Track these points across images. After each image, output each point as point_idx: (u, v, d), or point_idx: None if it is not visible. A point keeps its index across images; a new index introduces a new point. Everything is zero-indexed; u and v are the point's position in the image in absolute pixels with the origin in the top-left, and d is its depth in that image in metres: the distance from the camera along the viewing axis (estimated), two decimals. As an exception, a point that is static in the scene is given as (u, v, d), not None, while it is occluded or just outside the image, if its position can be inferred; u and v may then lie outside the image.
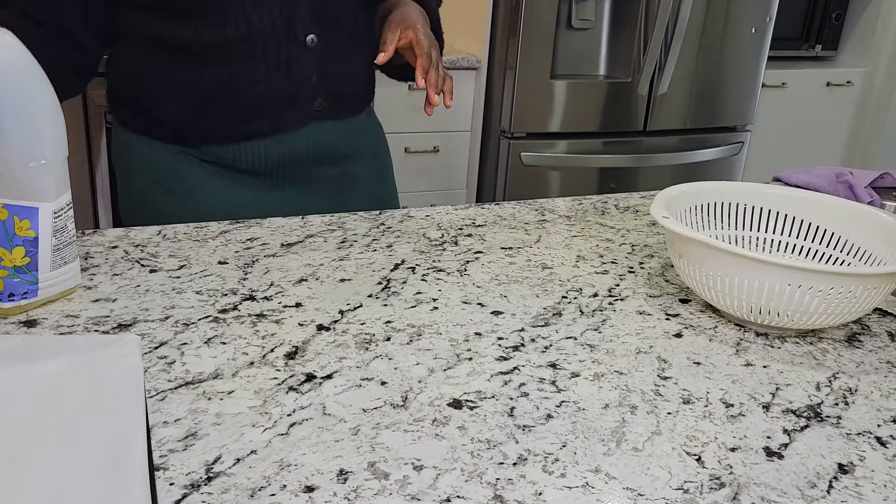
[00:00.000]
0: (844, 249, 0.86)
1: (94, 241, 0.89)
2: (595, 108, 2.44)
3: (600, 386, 0.66)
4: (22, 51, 0.68)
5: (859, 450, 0.60)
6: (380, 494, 0.52)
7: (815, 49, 2.97)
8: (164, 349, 0.68)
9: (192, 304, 0.76)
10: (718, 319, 0.80)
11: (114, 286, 0.78)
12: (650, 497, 0.53)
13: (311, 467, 0.54)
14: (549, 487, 0.54)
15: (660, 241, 1.00)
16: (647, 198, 1.17)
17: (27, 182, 0.69)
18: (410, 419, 0.60)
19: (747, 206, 0.91)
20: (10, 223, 0.70)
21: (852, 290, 0.70)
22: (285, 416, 0.60)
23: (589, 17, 2.39)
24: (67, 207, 0.74)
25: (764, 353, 0.74)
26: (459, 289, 0.83)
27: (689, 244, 0.76)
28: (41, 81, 0.69)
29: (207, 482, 0.52)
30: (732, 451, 0.59)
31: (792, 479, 0.56)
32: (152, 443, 0.56)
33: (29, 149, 0.69)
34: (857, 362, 0.73)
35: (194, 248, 0.89)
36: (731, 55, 2.52)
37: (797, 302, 0.71)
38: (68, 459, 0.52)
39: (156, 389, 0.62)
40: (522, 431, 0.60)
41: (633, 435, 0.60)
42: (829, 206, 0.88)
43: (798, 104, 2.88)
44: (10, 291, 0.71)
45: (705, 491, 0.54)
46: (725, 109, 2.60)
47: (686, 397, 0.66)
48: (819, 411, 0.65)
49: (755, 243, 0.91)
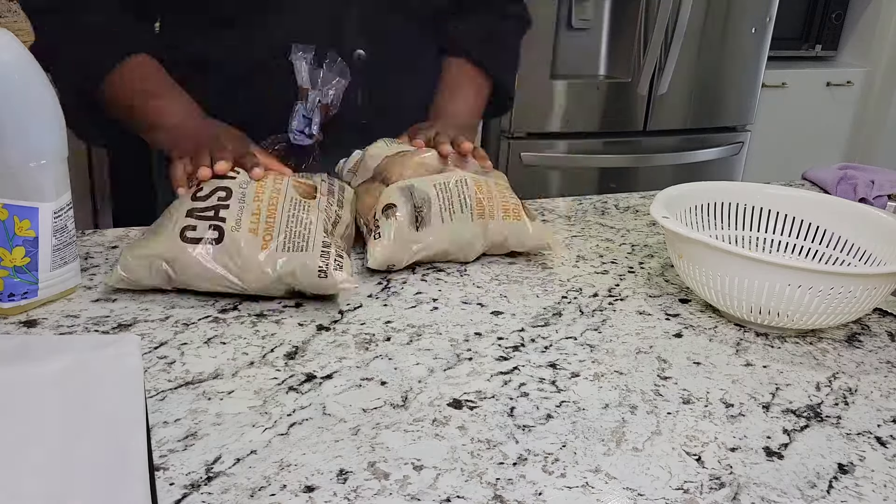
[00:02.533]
0: (844, 249, 0.86)
1: (94, 241, 0.89)
2: (595, 108, 2.44)
3: (600, 386, 0.66)
4: (22, 51, 0.68)
5: (859, 450, 0.60)
6: (380, 494, 0.52)
7: (816, 49, 2.96)
8: (164, 349, 0.68)
9: (191, 304, 0.76)
10: (718, 319, 0.80)
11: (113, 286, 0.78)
12: (650, 497, 0.53)
13: (311, 467, 0.54)
14: (549, 487, 0.54)
15: (660, 241, 1.00)
16: (647, 198, 1.17)
17: (27, 182, 0.69)
18: (410, 419, 0.60)
19: (747, 206, 0.91)
20: (10, 223, 0.70)
21: (852, 290, 0.70)
22: (285, 416, 0.60)
23: (589, 17, 2.39)
24: (67, 207, 0.74)
25: (764, 353, 0.74)
26: (459, 289, 0.83)
27: (688, 244, 0.76)
28: (41, 81, 0.69)
29: (207, 482, 0.52)
30: (732, 451, 0.59)
31: (792, 479, 0.56)
32: (152, 443, 0.56)
33: (29, 149, 0.69)
34: (856, 362, 0.73)
35: (194, 248, 0.89)
36: (731, 55, 2.52)
37: (797, 302, 0.71)
38: (68, 459, 0.52)
39: (156, 389, 0.62)
40: (522, 431, 0.60)
41: (633, 435, 0.60)
42: (829, 206, 0.88)
43: (798, 104, 2.88)
44: (10, 291, 0.71)
45: (705, 491, 0.54)
46: (725, 109, 2.60)
47: (686, 397, 0.66)
48: (819, 411, 0.65)
49: (755, 243, 0.91)
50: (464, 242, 0.86)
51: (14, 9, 2.41)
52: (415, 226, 0.84)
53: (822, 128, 2.98)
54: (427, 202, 0.85)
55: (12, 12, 2.42)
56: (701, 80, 2.52)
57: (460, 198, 0.86)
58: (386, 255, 0.82)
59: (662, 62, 2.43)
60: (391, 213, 0.83)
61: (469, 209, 0.86)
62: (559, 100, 2.40)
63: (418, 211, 0.84)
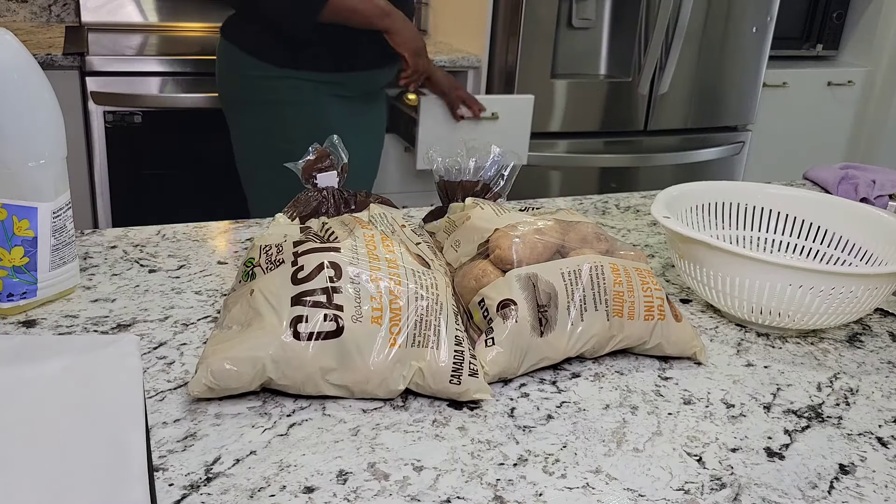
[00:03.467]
0: (845, 249, 0.85)
1: (94, 240, 0.89)
2: (595, 107, 2.44)
3: (601, 386, 0.66)
4: (21, 50, 0.68)
5: (860, 450, 0.60)
6: (380, 495, 0.52)
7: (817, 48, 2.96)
8: (164, 349, 0.68)
9: (191, 304, 0.76)
10: (719, 320, 0.80)
11: (113, 286, 0.78)
12: (651, 498, 0.53)
13: (310, 468, 0.54)
14: (549, 488, 0.54)
15: (660, 241, 1.00)
16: (648, 198, 1.17)
17: (26, 182, 0.69)
18: (410, 420, 0.60)
19: (748, 206, 0.90)
20: (8, 223, 0.70)
21: (853, 291, 0.70)
22: (285, 416, 0.60)
23: (589, 16, 2.39)
24: (66, 207, 0.73)
25: (765, 353, 0.74)
26: (459, 289, 0.83)
27: (689, 244, 0.76)
28: (40, 81, 0.69)
29: (207, 483, 0.52)
30: (733, 452, 0.59)
31: (793, 480, 0.56)
32: (152, 443, 0.56)
33: (28, 148, 0.69)
34: (858, 362, 0.73)
35: (193, 248, 0.88)
36: (731, 55, 2.51)
37: (798, 302, 0.71)
38: (67, 460, 0.52)
39: (155, 390, 0.62)
40: (523, 432, 0.59)
41: (634, 435, 0.60)
42: (829, 206, 0.88)
43: (799, 104, 2.88)
44: (9, 291, 0.71)
45: (706, 491, 0.54)
46: (726, 109, 2.60)
47: (687, 398, 0.65)
48: (820, 412, 0.65)
49: (755, 243, 0.91)
50: (590, 350, 0.69)
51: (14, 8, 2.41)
52: (538, 330, 0.66)
53: (823, 127, 2.98)
54: (553, 298, 0.67)
55: (11, 12, 2.42)
56: (702, 79, 2.52)
57: (595, 290, 0.68)
58: (501, 366, 0.64)
59: (663, 62, 2.43)
60: (509, 313, 0.65)
61: (605, 305, 0.68)
62: (560, 99, 2.40)
63: (542, 311, 0.66)
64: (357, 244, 0.65)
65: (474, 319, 0.68)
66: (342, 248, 0.64)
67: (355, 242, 0.65)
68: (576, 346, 0.67)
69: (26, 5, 2.41)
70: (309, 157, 0.79)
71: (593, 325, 0.67)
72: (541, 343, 0.66)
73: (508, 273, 0.68)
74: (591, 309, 0.67)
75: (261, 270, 0.65)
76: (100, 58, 1.97)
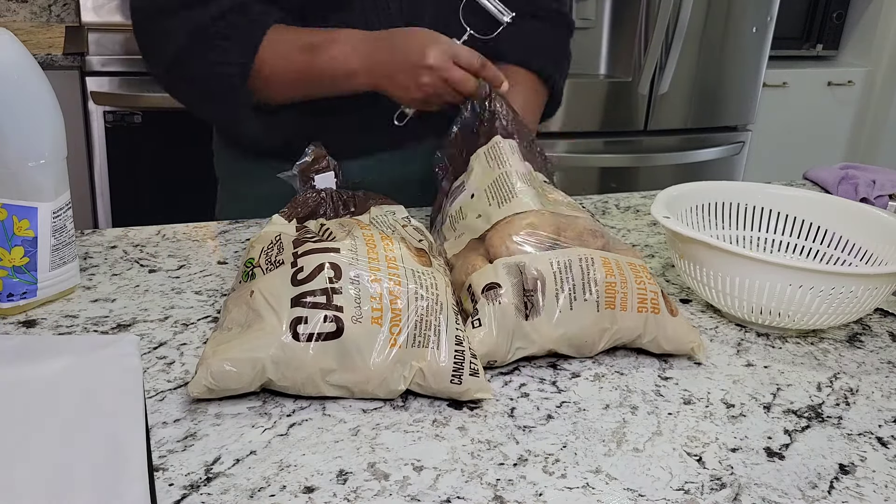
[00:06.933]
0: (845, 249, 0.85)
1: (94, 241, 0.89)
2: (595, 107, 2.43)
3: (601, 386, 0.66)
4: (21, 50, 0.68)
5: (860, 450, 0.60)
6: (380, 495, 0.52)
7: (817, 48, 2.96)
8: (164, 349, 0.68)
9: (191, 304, 0.76)
10: (719, 320, 0.80)
11: (113, 286, 0.78)
12: (651, 498, 0.53)
13: (310, 468, 0.54)
14: (549, 488, 0.54)
15: (660, 241, 1.00)
16: (648, 197, 1.17)
17: (26, 182, 0.69)
18: (410, 420, 0.60)
19: (748, 206, 0.90)
20: (9, 223, 0.70)
21: (853, 290, 0.70)
22: (285, 416, 0.60)
23: (589, 16, 2.39)
24: (66, 207, 0.73)
25: (765, 353, 0.74)
26: (459, 289, 0.83)
27: (689, 244, 0.76)
28: (40, 81, 0.69)
29: (207, 483, 0.52)
30: (733, 452, 0.59)
31: (793, 480, 0.56)
32: (151, 443, 0.56)
33: (28, 149, 0.69)
34: (858, 362, 0.73)
35: (193, 248, 0.88)
36: (731, 55, 2.51)
37: (798, 302, 0.71)
38: (68, 459, 0.52)
39: (155, 390, 0.62)
40: (523, 432, 0.59)
41: (634, 435, 0.60)
42: (829, 206, 0.88)
43: (799, 104, 2.87)
44: (9, 291, 0.71)
45: (706, 491, 0.54)
46: (726, 109, 2.60)
47: (687, 398, 0.65)
48: (820, 412, 0.65)
49: (755, 243, 0.90)
50: (582, 341, 0.68)
51: (14, 8, 2.41)
52: (523, 313, 0.66)
53: (823, 127, 2.98)
54: (541, 285, 0.67)
55: (12, 12, 2.42)
56: (702, 79, 2.52)
57: (584, 281, 0.68)
58: (488, 348, 0.65)
59: (663, 61, 2.43)
60: (493, 295, 0.66)
61: (595, 296, 0.68)
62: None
63: (528, 295, 0.67)
64: (356, 244, 0.65)
65: (464, 307, 0.69)
66: (342, 248, 0.64)
67: (355, 242, 0.65)
68: (565, 335, 0.67)
69: (26, 5, 2.41)
70: (306, 158, 0.78)
71: (583, 314, 0.67)
72: (526, 326, 0.66)
73: (496, 261, 0.69)
74: (581, 298, 0.68)
75: (261, 271, 0.65)
76: (100, 58, 1.97)
